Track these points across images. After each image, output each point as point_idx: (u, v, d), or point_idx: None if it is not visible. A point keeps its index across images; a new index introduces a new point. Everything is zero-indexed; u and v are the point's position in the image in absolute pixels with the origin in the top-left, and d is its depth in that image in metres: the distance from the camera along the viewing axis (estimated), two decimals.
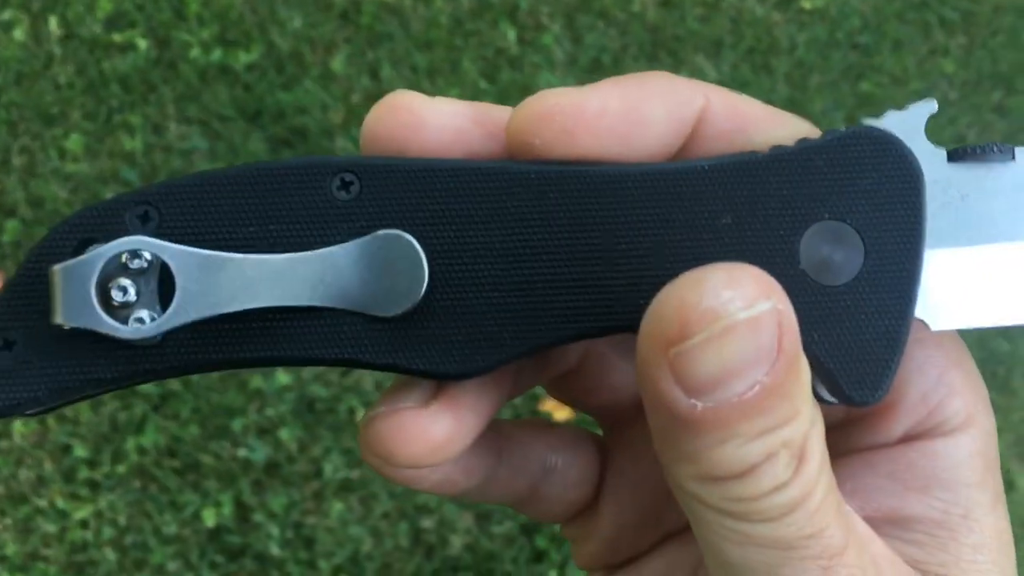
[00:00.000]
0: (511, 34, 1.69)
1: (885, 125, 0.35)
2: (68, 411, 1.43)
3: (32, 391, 0.32)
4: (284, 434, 1.44)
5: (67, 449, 1.42)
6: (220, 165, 1.54)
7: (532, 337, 0.34)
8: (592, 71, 1.70)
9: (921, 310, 0.34)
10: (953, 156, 0.35)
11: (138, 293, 0.32)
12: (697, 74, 1.73)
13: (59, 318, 0.32)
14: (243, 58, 1.59)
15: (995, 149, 0.35)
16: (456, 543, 1.46)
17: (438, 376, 0.34)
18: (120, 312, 0.32)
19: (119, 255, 0.32)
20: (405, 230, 0.33)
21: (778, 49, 1.77)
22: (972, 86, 1.81)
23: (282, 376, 1.45)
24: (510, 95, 1.65)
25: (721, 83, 1.76)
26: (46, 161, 1.52)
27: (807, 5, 1.80)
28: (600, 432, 0.45)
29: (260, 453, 1.43)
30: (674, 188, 0.34)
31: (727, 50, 1.75)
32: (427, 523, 1.46)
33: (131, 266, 0.32)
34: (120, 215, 0.33)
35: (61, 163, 1.52)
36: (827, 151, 0.34)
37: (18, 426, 1.42)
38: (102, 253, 0.31)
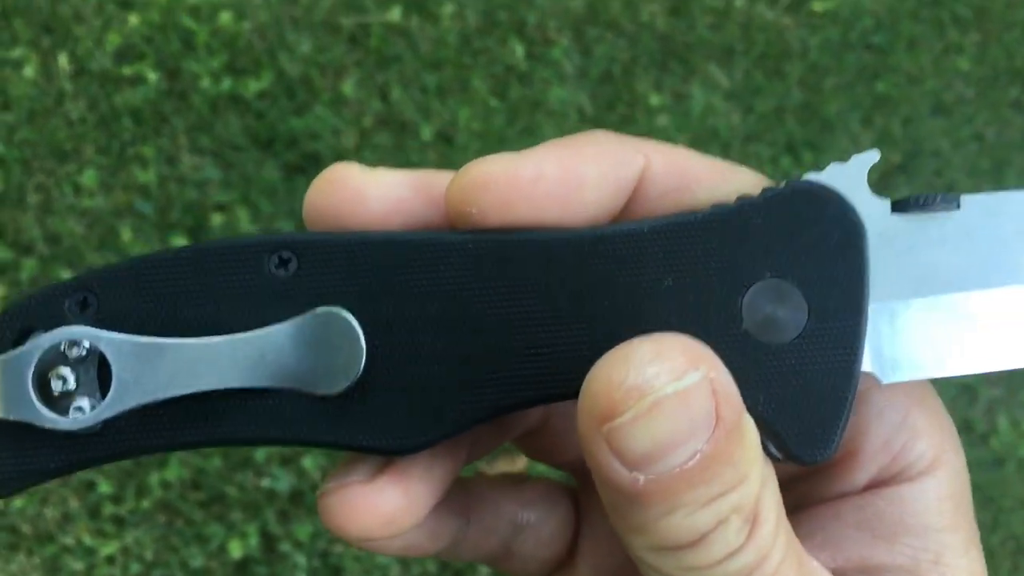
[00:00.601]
0: (520, 50, 1.69)
1: (827, 178, 0.34)
2: None
3: None
4: (307, 463, 1.44)
5: (91, 486, 1.42)
6: (235, 195, 1.54)
7: (475, 409, 0.33)
8: (603, 83, 1.69)
9: (870, 363, 0.34)
10: (897, 207, 0.34)
11: (78, 381, 0.32)
12: (709, 82, 1.72)
13: (1, 411, 0.32)
14: (253, 86, 1.60)
15: (938, 199, 0.34)
16: (484, 570, 1.45)
17: (381, 452, 0.33)
18: (60, 401, 0.32)
19: (57, 344, 0.32)
20: (344, 305, 0.33)
21: (790, 53, 1.76)
22: (988, 83, 1.79)
23: None
24: (521, 111, 1.65)
25: (733, 90, 1.75)
26: (61, 197, 1.52)
27: (818, 8, 1.79)
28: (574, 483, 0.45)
29: (284, 482, 1.43)
30: (613, 251, 0.33)
31: (739, 57, 1.74)
32: None
33: (70, 355, 0.32)
34: (59, 303, 0.33)
35: (76, 199, 1.52)
36: (766, 208, 0.33)
37: None
38: (39, 345, 0.31)
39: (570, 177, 0.34)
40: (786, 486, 0.39)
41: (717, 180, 0.35)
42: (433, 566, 1.44)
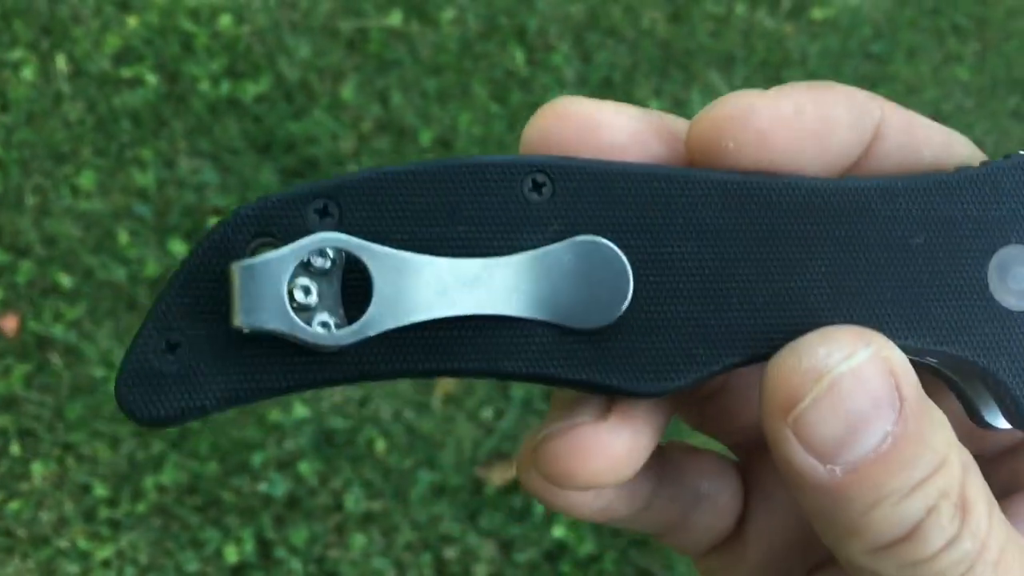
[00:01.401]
0: (520, 56, 1.69)
1: None
2: (86, 450, 1.43)
3: (199, 399, 0.30)
4: (304, 468, 1.43)
5: (87, 489, 1.41)
6: (232, 199, 1.54)
7: (727, 355, 0.32)
8: (603, 89, 1.69)
9: None
10: None
11: (320, 295, 0.29)
12: (709, 89, 1.72)
13: (240, 320, 0.29)
14: (252, 90, 1.60)
15: None
16: (480, 572, 1.45)
17: (635, 394, 0.32)
18: (301, 315, 0.29)
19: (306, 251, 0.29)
20: (601, 236, 0.31)
21: (790, 61, 1.76)
22: (987, 92, 1.79)
23: (300, 409, 1.44)
24: (521, 117, 1.64)
25: None
26: (59, 199, 1.52)
27: (818, 15, 1.79)
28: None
29: (280, 487, 1.42)
30: (870, 205, 0.33)
31: (739, 64, 1.74)
32: (450, 553, 1.45)
33: (314, 265, 0.29)
34: (299, 209, 0.30)
35: (74, 201, 1.52)
36: (1014, 173, 0.33)
37: (37, 467, 1.42)
38: (298, 249, 0.29)
39: (827, 116, 0.33)
40: (995, 463, 0.38)
41: (944, 144, 0.35)
42: (429, 571, 1.43)
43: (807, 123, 0.32)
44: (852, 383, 0.29)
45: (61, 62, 1.58)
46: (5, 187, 1.52)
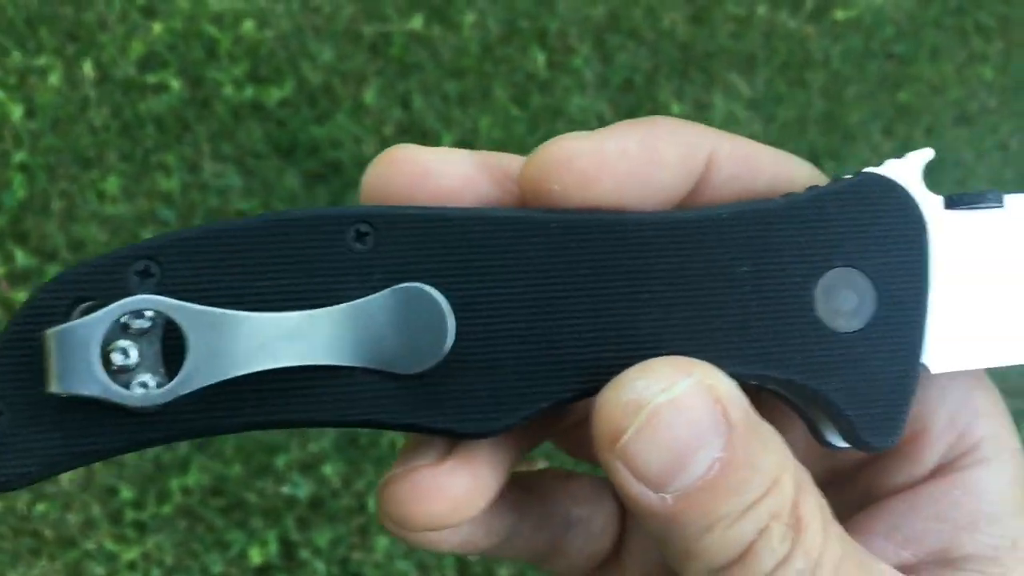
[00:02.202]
0: (541, 58, 1.69)
1: (887, 172, 0.35)
2: None
3: (22, 466, 0.30)
4: (327, 470, 1.44)
5: (113, 491, 1.42)
6: (256, 203, 1.55)
7: (556, 392, 0.32)
8: (624, 91, 1.69)
9: (924, 353, 0.35)
10: (949, 203, 0.36)
11: (140, 355, 0.29)
12: (731, 91, 1.71)
13: (55, 386, 0.29)
14: (275, 94, 1.61)
15: (988, 196, 0.36)
16: (503, 574, 1.45)
17: (462, 435, 0.32)
18: (120, 377, 0.29)
19: (121, 314, 0.29)
20: (424, 282, 0.31)
21: (812, 62, 1.75)
22: (1012, 92, 1.78)
23: None
24: (541, 119, 1.65)
25: (755, 99, 1.75)
26: (85, 204, 1.53)
27: (840, 16, 1.78)
28: None
29: (304, 489, 1.43)
30: (695, 236, 0.33)
31: (760, 65, 1.74)
32: (472, 555, 1.45)
33: (132, 326, 0.29)
34: (119, 271, 0.31)
35: (100, 205, 1.53)
36: (839, 198, 0.34)
37: None
38: (109, 313, 0.29)
39: (651, 156, 0.33)
40: (850, 477, 0.39)
41: (779, 171, 0.36)
42: (452, 573, 1.44)
43: (630, 164, 0.33)
44: (672, 413, 0.29)
45: (87, 68, 1.59)
46: (32, 192, 1.53)
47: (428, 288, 0.31)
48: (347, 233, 0.32)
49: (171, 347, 0.30)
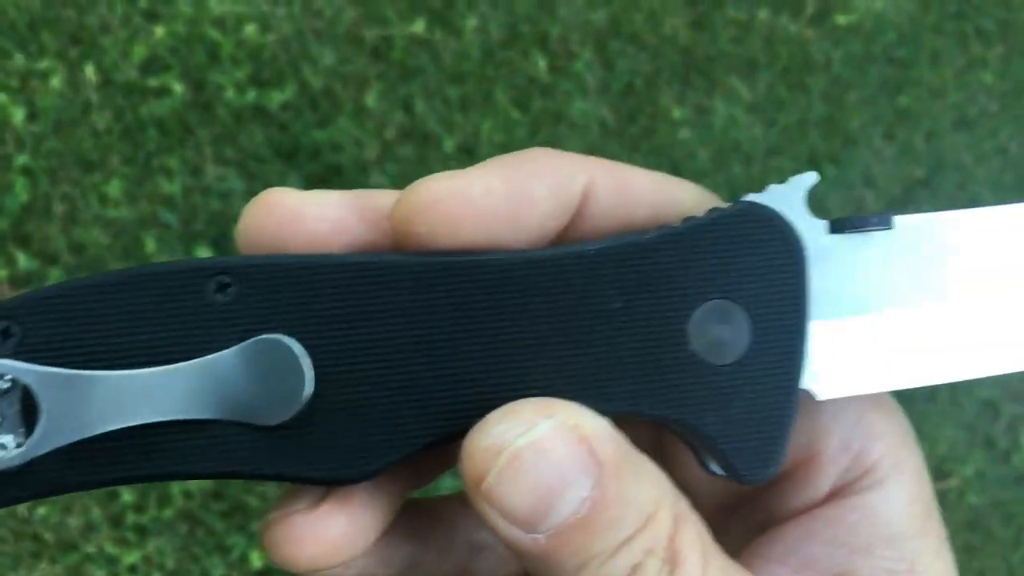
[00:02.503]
0: (542, 63, 1.69)
1: (767, 199, 0.35)
2: None
3: None
4: None
5: (114, 495, 1.42)
6: None
7: (422, 436, 0.32)
8: (625, 96, 1.69)
9: (806, 380, 0.34)
10: (835, 227, 0.35)
11: (0, 416, 0.30)
12: (732, 95, 1.72)
13: None
14: (277, 98, 1.61)
15: (873, 220, 0.35)
16: None
17: (327, 483, 0.33)
18: None
19: None
20: (286, 331, 0.32)
21: (813, 66, 1.76)
22: (1012, 96, 1.78)
23: None
24: (543, 124, 1.65)
25: (756, 103, 1.75)
26: (87, 207, 1.54)
27: (841, 21, 1.78)
28: None
29: None
30: (563, 274, 0.33)
31: (761, 70, 1.74)
32: None
33: None
34: None
35: (102, 209, 1.54)
36: (713, 229, 0.34)
37: None
38: None
39: (518, 193, 0.33)
40: (753, 500, 0.39)
41: (660, 196, 0.36)
42: None
43: (497, 203, 0.33)
44: (533, 456, 0.29)
45: (89, 71, 1.60)
46: (34, 195, 1.53)
47: (284, 338, 0.31)
48: (207, 285, 0.32)
49: (32, 407, 0.30)
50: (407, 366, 0.32)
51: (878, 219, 0.35)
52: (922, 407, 1.62)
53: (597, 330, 0.33)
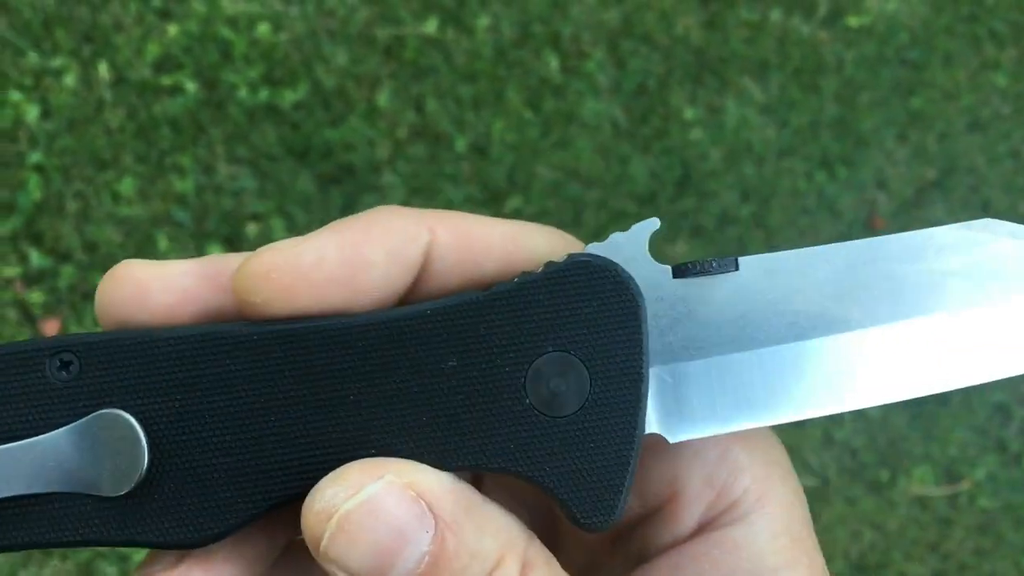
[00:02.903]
0: (554, 63, 1.69)
1: (608, 248, 0.35)
2: None
3: None
4: None
5: None
6: (270, 205, 1.56)
7: (264, 499, 0.33)
8: (637, 96, 1.69)
9: (657, 424, 0.35)
10: (678, 272, 0.35)
11: None
12: (744, 96, 1.72)
13: None
14: (289, 97, 1.61)
15: (715, 264, 0.35)
16: None
17: (173, 547, 0.33)
18: None
19: None
20: (128, 405, 0.33)
21: (825, 68, 1.75)
22: None
23: None
24: (555, 124, 1.65)
25: (768, 104, 1.74)
26: (100, 205, 1.54)
27: (854, 22, 1.78)
28: None
29: None
30: (399, 336, 0.34)
31: (773, 71, 1.74)
32: None
33: None
34: None
35: (115, 207, 1.54)
36: (546, 284, 0.34)
37: None
38: None
39: (353, 260, 0.34)
40: (629, 534, 0.39)
41: (508, 247, 0.36)
42: None
43: (330, 271, 0.33)
44: (363, 517, 0.30)
45: (103, 69, 1.60)
46: (47, 193, 1.54)
47: (120, 412, 0.33)
48: (48, 364, 0.33)
49: None
50: (247, 432, 0.33)
51: (721, 263, 0.35)
52: (934, 411, 1.62)
53: (435, 389, 0.34)
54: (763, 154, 1.69)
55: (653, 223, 0.36)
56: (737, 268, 0.35)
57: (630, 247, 0.35)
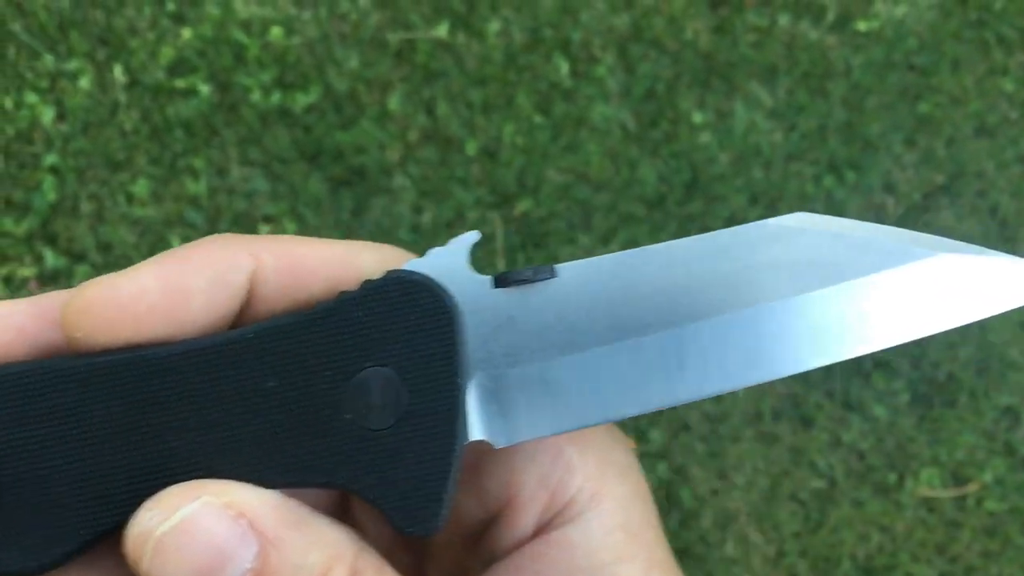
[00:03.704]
0: (564, 67, 1.70)
1: (427, 262, 0.36)
2: None
3: None
4: None
5: None
6: (282, 207, 1.57)
7: (95, 526, 0.34)
8: (646, 100, 1.70)
9: (482, 431, 0.36)
10: (499, 282, 0.36)
11: None
12: (752, 100, 1.72)
13: None
14: (302, 100, 1.62)
15: (534, 272, 0.36)
16: None
17: (16, 573, 0.34)
18: None
19: None
20: None
21: (833, 72, 1.76)
22: None
23: None
24: (564, 128, 1.66)
25: (776, 109, 1.75)
26: (114, 206, 1.56)
27: (862, 27, 1.79)
28: None
29: None
30: (220, 360, 0.35)
31: (782, 75, 1.75)
32: None
33: None
34: None
35: (129, 208, 1.56)
36: (363, 301, 0.35)
37: None
38: None
39: (173, 290, 0.34)
40: (476, 536, 0.40)
41: (334, 267, 0.36)
42: None
43: (150, 302, 0.34)
44: (179, 538, 0.31)
45: (118, 72, 1.62)
46: (62, 194, 1.55)
47: None
48: None
49: None
50: (78, 462, 0.34)
51: (539, 271, 0.36)
52: (941, 413, 1.62)
53: (256, 410, 0.35)
54: (771, 158, 1.70)
55: (473, 235, 0.37)
56: (555, 275, 0.36)
57: (450, 260, 0.36)
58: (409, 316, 0.35)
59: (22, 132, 1.57)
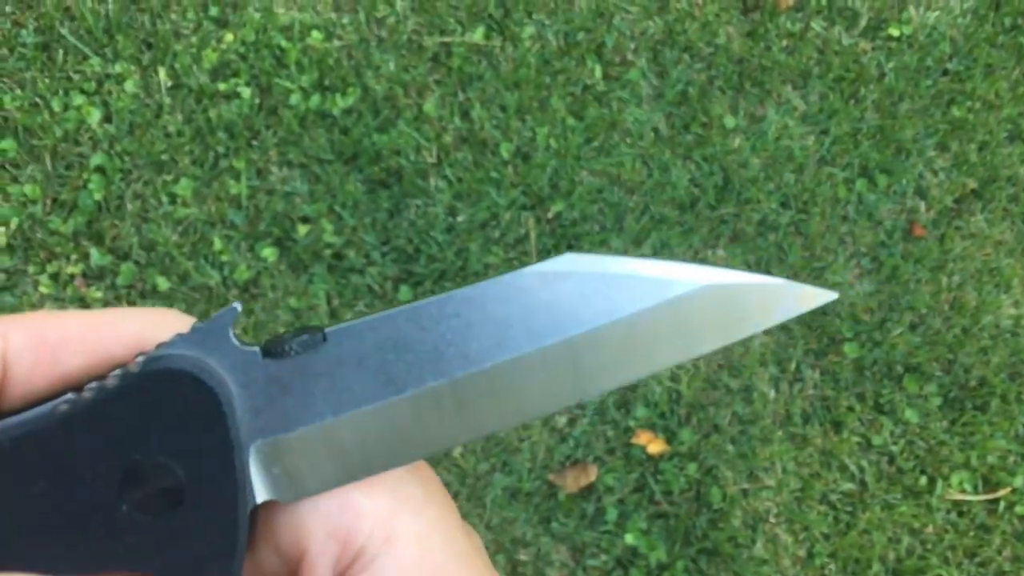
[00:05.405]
0: (598, 71, 1.71)
1: (192, 339, 0.35)
2: None
3: None
4: None
5: None
6: (320, 207, 1.59)
7: None
8: (679, 104, 1.71)
9: (270, 492, 0.35)
10: (267, 353, 0.36)
11: None
12: (785, 105, 1.73)
13: None
14: (340, 103, 1.64)
15: (300, 340, 0.36)
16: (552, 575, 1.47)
17: None
18: None
19: None
20: None
21: (866, 77, 1.76)
22: None
23: None
24: (597, 131, 1.67)
25: (809, 113, 1.75)
26: (157, 206, 1.58)
27: (895, 32, 1.79)
28: None
29: None
30: None
31: (814, 80, 1.75)
32: (524, 556, 1.48)
33: None
34: None
35: (172, 208, 1.58)
36: (122, 395, 0.34)
37: None
38: None
39: None
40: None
41: (90, 338, 0.35)
42: (502, 573, 1.46)
43: None
44: None
45: (162, 75, 1.64)
46: (108, 194, 1.58)
47: None
48: None
49: None
50: None
51: (304, 342, 0.36)
52: (972, 418, 1.62)
53: (32, 511, 0.33)
54: (803, 162, 1.70)
55: (233, 310, 0.36)
56: (325, 339, 0.36)
57: (214, 336, 0.35)
58: (174, 404, 0.34)
59: (69, 133, 1.60)
